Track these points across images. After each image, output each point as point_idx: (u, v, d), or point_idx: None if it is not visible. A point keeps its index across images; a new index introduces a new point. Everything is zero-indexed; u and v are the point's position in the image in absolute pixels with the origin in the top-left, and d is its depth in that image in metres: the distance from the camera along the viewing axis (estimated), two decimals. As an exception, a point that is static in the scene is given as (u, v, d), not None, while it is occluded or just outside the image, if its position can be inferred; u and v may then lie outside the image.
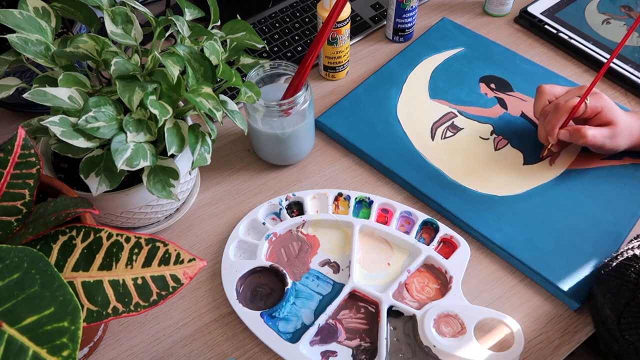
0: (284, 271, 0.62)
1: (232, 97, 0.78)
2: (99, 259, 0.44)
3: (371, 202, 0.68)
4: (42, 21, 0.56)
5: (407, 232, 0.65)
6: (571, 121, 0.66)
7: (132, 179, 0.59)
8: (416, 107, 0.77)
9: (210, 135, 0.59)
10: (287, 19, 0.88)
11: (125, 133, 0.52)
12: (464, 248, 0.63)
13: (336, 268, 0.64)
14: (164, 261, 0.44)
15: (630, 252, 0.55)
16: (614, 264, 0.56)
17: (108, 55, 0.55)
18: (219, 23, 0.66)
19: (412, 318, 0.59)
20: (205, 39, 0.60)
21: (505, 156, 0.71)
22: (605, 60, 0.80)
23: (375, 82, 0.80)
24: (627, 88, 0.78)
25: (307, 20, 0.88)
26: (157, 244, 0.44)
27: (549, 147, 0.68)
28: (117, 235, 0.45)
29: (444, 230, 0.65)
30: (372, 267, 0.64)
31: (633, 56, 0.80)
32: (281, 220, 0.67)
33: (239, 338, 0.60)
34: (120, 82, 0.53)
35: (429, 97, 0.78)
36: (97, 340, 0.59)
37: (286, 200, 0.68)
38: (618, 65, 0.79)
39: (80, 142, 0.51)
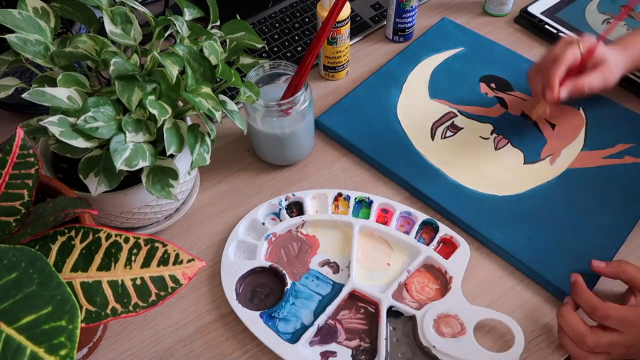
0: (284, 271, 0.62)
1: (232, 97, 0.78)
2: (97, 259, 0.44)
3: (371, 202, 0.67)
4: (42, 21, 0.56)
5: (407, 232, 0.65)
6: None
7: (131, 179, 0.59)
8: (416, 107, 0.76)
9: (209, 135, 0.59)
10: (287, 19, 0.88)
11: (124, 133, 0.52)
12: (464, 248, 0.63)
13: (336, 268, 0.64)
14: (163, 261, 0.44)
15: None
16: None
17: (107, 55, 0.55)
18: (218, 23, 0.66)
19: (412, 318, 0.59)
20: (204, 39, 0.60)
21: (506, 156, 0.71)
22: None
23: (375, 82, 0.80)
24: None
25: (307, 20, 0.88)
26: (156, 244, 0.44)
27: (542, 107, 0.68)
28: (116, 235, 0.45)
29: (444, 230, 0.65)
30: (372, 267, 0.63)
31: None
32: (281, 221, 0.67)
33: (239, 338, 0.60)
34: (120, 82, 0.53)
35: (429, 97, 0.78)
36: (97, 341, 0.58)
37: (286, 200, 0.68)
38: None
39: (79, 142, 0.50)
